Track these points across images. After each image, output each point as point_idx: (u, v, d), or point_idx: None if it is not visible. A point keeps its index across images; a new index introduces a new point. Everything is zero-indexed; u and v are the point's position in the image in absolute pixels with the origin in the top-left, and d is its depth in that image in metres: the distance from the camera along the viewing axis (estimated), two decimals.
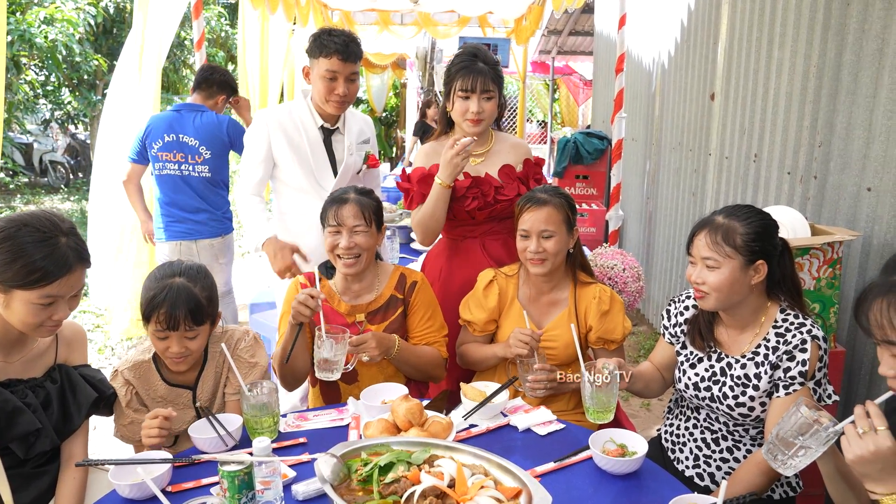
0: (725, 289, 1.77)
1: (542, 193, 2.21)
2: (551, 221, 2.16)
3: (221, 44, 13.63)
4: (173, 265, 1.95)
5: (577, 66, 14.35)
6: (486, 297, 2.29)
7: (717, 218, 1.82)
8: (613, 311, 2.22)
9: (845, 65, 2.55)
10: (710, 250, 1.78)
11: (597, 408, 1.78)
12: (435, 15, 7.70)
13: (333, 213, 2.15)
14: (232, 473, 1.44)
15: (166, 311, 1.82)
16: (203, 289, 1.91)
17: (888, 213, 2.28)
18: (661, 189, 5.13)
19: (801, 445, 1.37)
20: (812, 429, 1.37)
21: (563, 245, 2.19)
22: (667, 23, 4.94)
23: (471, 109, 2.40)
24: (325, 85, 2.71)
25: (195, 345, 1.90)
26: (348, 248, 2.13)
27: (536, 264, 2.17)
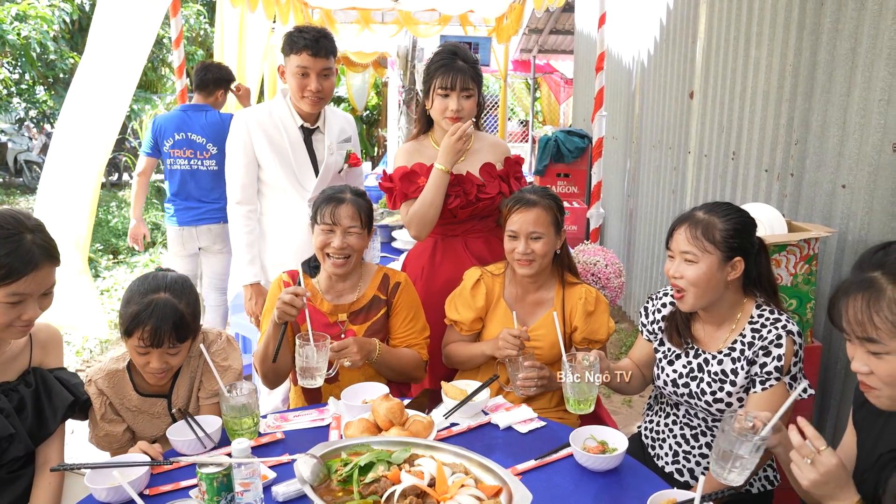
0: (703, 283, 1.79)
1: (531, 195, 2.20)
2: (540, 223, 2.15)
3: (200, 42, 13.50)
4: (157, 278, 1.88)
5: (559, 64, 14.40)
6: (473, 296, 2.29)
7: (698, 213, 1.83)
8: (598, 312, 2.23)
9: (820, 64, 2.58)
10: (689, 245, 1.79)
11: (577, 398, 1.80)
12: (416, 13, 7.69)
13: (330, 212, 2.12)
14: (210, 475, 1.43)
15: (151, 329, 1.76)
16: (188, 304, 1.85)
17: (862, 210, 2.31)
18: (642, 187, 5.16)
19: (736, 456, 1.40)
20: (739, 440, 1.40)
21: (551, 247, 2.19)
22: (646, 22, 4.97)
23: (450, 107, 2.40)
24: (297, 81, 2.69)
25: (176, 360, 1.86)
26: (341, 249, 2.11)
27: (524, 266, 2.17)
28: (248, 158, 2.77)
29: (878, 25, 2.22)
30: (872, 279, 1.26)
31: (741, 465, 1.41)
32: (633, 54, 5.40)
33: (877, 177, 2.24)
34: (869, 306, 1.25)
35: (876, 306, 1.24)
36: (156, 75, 12.35)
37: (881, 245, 1.31)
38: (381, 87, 15.10)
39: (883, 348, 1.24)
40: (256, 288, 2.82)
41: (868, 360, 1.28)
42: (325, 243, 2.13)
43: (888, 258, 1.27)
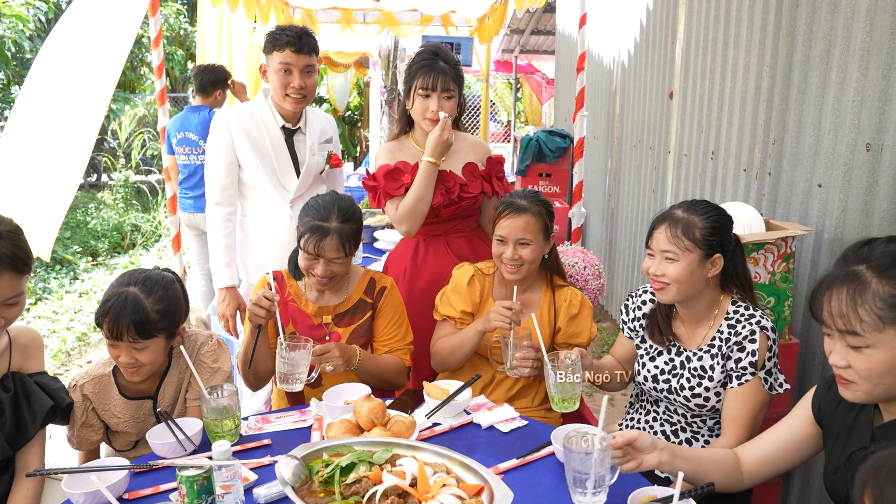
0: (685, 280, 1.81)
1: (521, 199, 2.18)
2: (529, 230, 2.15)
3: (181, 42, 13.39)
4: (135, 273, 1.89)
5: (540, 65, 14.45)
6: (470, 291, 2.28)
7: (677, 212, 1.86)
8: (582, 315, 2.24)
9: (795, 65, 2.62)
10: (669, 243, 1.82)
11: (561, 396, 1.81)
12: (398, 14, 7.68)
13: (314, 244, 2.04)
14: (191, 478, 1.42)
15: (110, 320, 1.77)
16: (157, 301, 1.83)
17: (837, 209, 2.34)
18: (623, 186, 5.20)
19: (588, 477, 1.42)
20: (583, 460, 1.42)
21: (539, 253, 2.19)
22: (626, 22, 5.01)
23: (431, 108, 2.41)
24: (280, 79, 2.67)
25: (145, 357, 1.84)
26: (324, 277, 2.08)
27: (512, 272, 2.17)
28: (229, 159, 2.75)
29: (851, 28, 2.25)
30: (857, 272, 1.27)
31: (597, 485, 1.43)
32: (613, 55, 5.43)
33: (851, 176, 2.28)
34: (853, 299, 1.26)
35: (860, 299, 1.25)
36: (135, 75, 12.22)
37: (865, 241, 1.33)
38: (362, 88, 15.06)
39: (863, 341, 1.25)
40: (231, 292, 2.80)
41: (847, 353, 1.29)
42: (308, 268, 2.10)
43: (873, 252, 1.28)
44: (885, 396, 1.30)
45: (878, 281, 1.24)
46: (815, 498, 2.44)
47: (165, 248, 7.59)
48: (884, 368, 1.25)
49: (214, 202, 2.77)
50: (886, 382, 1.27)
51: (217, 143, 2.76)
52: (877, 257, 1.27)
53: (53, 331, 5.14)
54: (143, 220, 8.56)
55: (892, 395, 1.30)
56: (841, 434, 1.45)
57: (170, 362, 1.98)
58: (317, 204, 2.12)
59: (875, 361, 1.25)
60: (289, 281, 2.24)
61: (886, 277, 1.24)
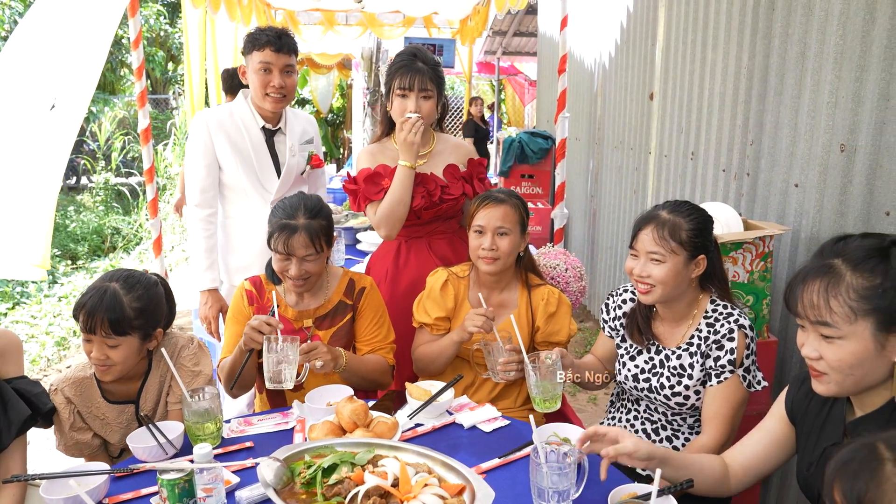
0: (670, 282, 1.83)
1: (499, 193, 2.23)
2: (507, 220, 2.18)
3: (161, 43, 13.29)
4: (120, 271, 1.90)
5: (523, 66, 14.52)
6: (443, 296, 2.29)
7: (662, 214, 1.87)
8: (560, 314, 2.25)
9: (772, 67, 2.66)
10: (656, 245, 1.83)
11: (542, 396, 1.82)
12: (380, 15, 7.68)
13: (283, 242, 2.03)
14: (172, 482, 1.42)
15: (86, 313, 1.78)
16: (136, 299, 1.84)
17: (813, 208, 2.38)
18: (604, 187, 5.23)
19: (552, 491, 1.44)
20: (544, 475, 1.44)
21: (516, 246, 2.21)
22: (607, 24, 5.05)
23: (409, 108, 2.41)
24: (260, 78, 2.67)
25: (117, 355, 1.83)
26: (298, 276, 2.07)
27: (489, 263, 2.18)
28: (209, 160, 2.74)
29: (825, 31, 2.29)
30: (832, 265, 1.30)
31: (561, 496, 1.44)
32: (594, 56, 5.47)
33: (826, 176, 2.31)
34: (827, 290, 1.28)
35: (834, 291, 1.28)
36: (115, 76, 12.12)
37: (841, 236, 1.36)
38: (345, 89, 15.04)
39: (836, 332, 1.28)
40: (214, 294, 2.80)
41: (819, 345, 1.32)
42: (282, 270, 2.08)
43: (847, 247, 1.31)
44: (855, 389, 1.33)
45: (852, 274, 1.27)
46: (793, 496, 2.48)
47: (147, 252, 7.52)
48: (854, 360, 1.28)
49: (195, 204, 2.76)
50: (856, 374, 1.29)
51: (196, 144, 2.75)
52: (851, 251, 1.30)
53: (32, 335, 5.08)
54: (123, 222, 8.49)
55: (861, 387, 1.32)
56: (814, 430, 1.47)
57: (150, 366, 1.97)
58: (283, 205, 2.13)
59: (846, 352, 1.28)
60: (268, 286, 2.23)
61: (860, 270, 1.27)
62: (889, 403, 1.31)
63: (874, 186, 2.11)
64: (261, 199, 2.81)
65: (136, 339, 1.87)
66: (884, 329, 1.25)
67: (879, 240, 1.30)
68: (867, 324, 1.26)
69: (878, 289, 1.25)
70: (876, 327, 1.25)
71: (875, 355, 1.27)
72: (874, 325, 1.25)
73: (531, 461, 1.46)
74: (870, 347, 1.26)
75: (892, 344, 1.26)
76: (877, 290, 1.25)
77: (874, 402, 1.34)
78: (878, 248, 1.28)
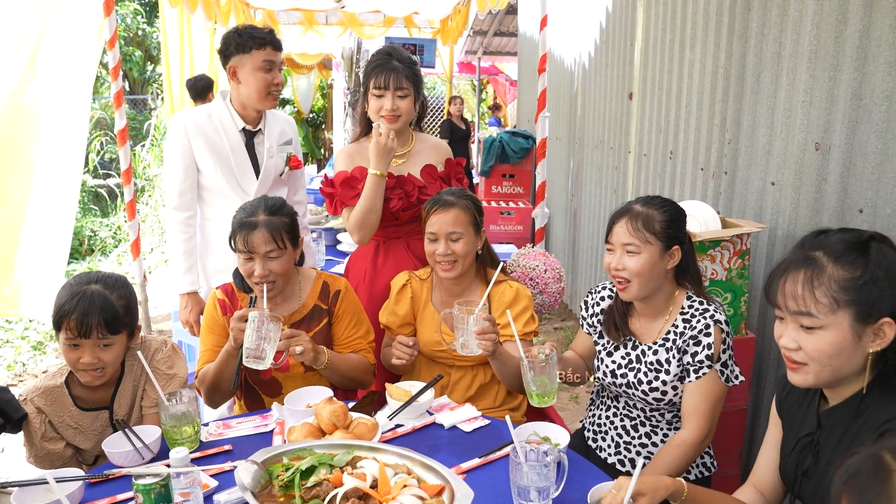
0: (646, 273, 1.85)
1: (448, 196, 2.20)
2: (458, 223, 2.15)
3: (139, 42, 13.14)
4: (90, 274, 1.87)
5: (504, 66, 14.54)
6: (397, 303, 2.29)
7: (636, 206, 1.90)
8: (516, 306, 2.20)
9: (749, 66, 2.68)
10: (630, 236, 1.85)
11: (539, 391, 1.79)
12: (360, 15, 7.66)
13: (243, 239, 2.00)
14: (147, 487, 1.40)
15: (77, 317, 1.74)
16: (120, 297, 1.84)
17: (790, 206, 2.40)
18: (585, 186, 5.26)
19: (532, 489, 1.44)
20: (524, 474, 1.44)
21: (472, 247, 2.19)
22: (587, 24, 5.07)
23: (385, 107, 2.40)
24: (263, 77, 2.68)
25: (109, 356, 1.81)
26: (263, 276, 2.02)
27: (447, 269, 2.17)
28: (187, 163, 2.71)
29: (800, 31, 2.31)
30: (814, 257, 1.34)
31: (541, 495, 1.45)
32: (574, 56, 5.49)
33: (802, 174, 2.34)
34: (810, 281, 1.32)
35: (817, 281, 1.31)
36: None
37: (821, 230, 1.40)
38: (326, 89, 14.99)
39: (816, 322, 1.31)
40: (194, 297, 2.78)
41: (798, 335, 1.34)
42: (248, 272, 2.04)
43: (828, 240, 1.35)
44: (831, 379, 1.36)
45: (834, 265, 1.31)
46: None
47: (125, 254, 7.44)
48: (833, 350, 1.31)
49: (173, 206, 2.73)
50: (834, 364, 1.32)
51: (174, 146, 2.72)
52: (832, 244, 1.34)
53: (7, 340, 4.99)
54: (101, 225, 8.38)
55: (837, 378, 1.35)
56: (794, 422, 1.52)
57: (123, 370, 1.94)
58: (245, 205, 2.12)
59: (825, 342, 1.31)
60: (239, 294, 2.19)
61: (841, 263, 1.31)
62: (857, 394, 1.35)
63: (848, 185, 2.14)
64: (240, 202, 2.76)
65: (125, 336, 1.86)
66: (861, 321, 1.29)
67: (858, 234, 1.34)
68: (846, 315, 1.29)
69: (859, 281, 1.28)
70: (854, 318, 1.29)
71: (852, 346, 1.30)
72: (853, 317, 1.29)
73: (511, 460, 1.46)
74: (848, 338, 1.30)
75: (868, 336, 1.30)
76: (857, 283, 1.28)
77: (844, 394, 1.37)
78: (858, 242, 1.32)
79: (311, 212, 5.19)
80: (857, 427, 1.33)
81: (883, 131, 1.97)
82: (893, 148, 1.93)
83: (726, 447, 2.44)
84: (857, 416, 1.34)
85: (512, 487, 1.47)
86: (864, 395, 1.33)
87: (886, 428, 1.26)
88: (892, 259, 1.30)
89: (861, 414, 1.33)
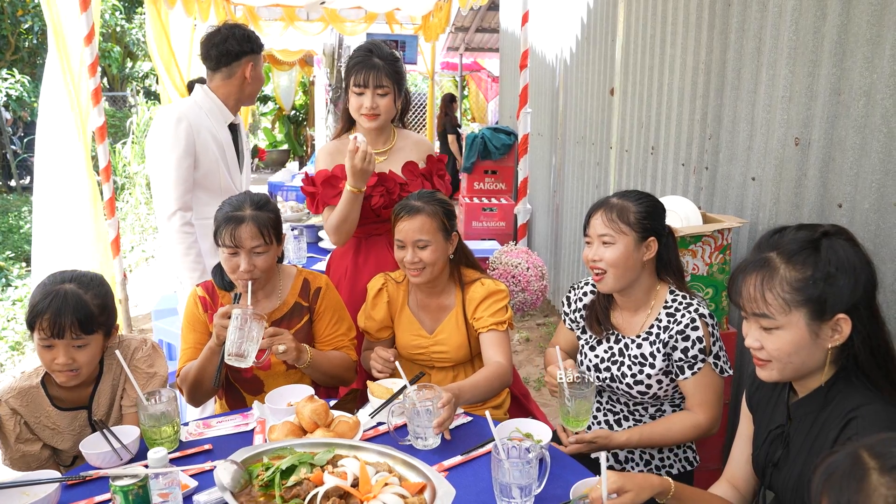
0: (621, 263, 1.87)
1: (415, 201, 2.15)
2: (425, 231, 2.10)
3: (118, 39, 12.99)
4: (64, 273, 1.83)
5: (486, 62, 14.54)
6: (374, 307, 2.27)
7: (612, 199, 1.94)
8: (488, 301, 2.18)
9: (729, 62, 2.69)
10: (606, 227, 1.88)
11: (576, 417, 1.76)
12: (341, 11, 7.61)
13: (230, 234, 1.97)
14: (125, 488, 1.38)
15: (50, 317, 1.71)
16: (95, 296, 1.80)
17: (770, 201, 2.42)
18: (567, 182, 5.26)
19: (514, 486, 1.44)
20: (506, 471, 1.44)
21: (440, 253, 2.14)
22: (568, 20, 5.07)
23: (364, 105, 2.38)
24: (262, 78, 2.81)
25: (84, 356, 1.78)
26: (248, 272, 2.00)
27: (416, 275, 2.14)
28: (190, 160, 2.64)
29: (779, 26, 2.33)
30: (768, 259, 1.36)
31: (523, 492, 1.44)
32: (556, 52, 5.50)
33: (782, 169, 2.35)
34: (763, 284, 1.34)
35: (769, 284, 1.33)
36: None
37: (778, 228, 1.41)
38: (308, 86, 14.89)
39: (773, 323, 1.33)
40: None
41: (760, 335, 1.37)
42: (233, 268, 2.01)
43: (783, 239, 1.37)
44: (794, 375, 1.39)
45: (786, 266, 1.33)
46: None
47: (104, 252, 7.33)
48: (791, 348, 1.34)
49: (177, 207, 2.60)
50: (795, 361, 1.35)
51: (177, 142, 2.61)
52: (785, 244, 1.35)
53: None
54: None
55: (801, 373, 1.38)
56: (765, 415, 1.54)
57: (101, 369, 1.91)
58: (230, 200, 2.08)
59: (784, 342, 1.34)
60: (220, 292, 2.16)
61: (793, 263, 1.32)
62: (824, 386, 1.37)
63: (827, 179, 2.15)
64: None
65: (101, 336, 1.83)
66: (816, 318, 1.31)
67: (812, 231, 1.36)
68: (801, 314, 1.31)
69: (809, 280, 1.30)
70: (809, 317, 1.31)
71: (810, 343, 1.33)
72: (807, 315, 1.31)
73: (493, 457, 1.46)
74: (805, 336, 1.32)
75: (825, 332, 1.32)
76: (808, 282, 1.30)
77: (811, 386, 1.40)
78: (810, 239, 1.34)
79: (292, 209, 5.16)
80: (825, 417, 1.35)
81: (861, 126, 1.98)
82: (872, 143, 1.94)
83: (708, 442, 2.45)
84: (824, 406, 1.36)
85: (494, 485, 1.47)
86: (831, 386, 1.35)
87: (851, 416, 1.28)
88: (842, 255, 1.31)
89: (828, 404, 1.36)
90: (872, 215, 1.96)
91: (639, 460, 2.00)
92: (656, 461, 2.00)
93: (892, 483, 0.85)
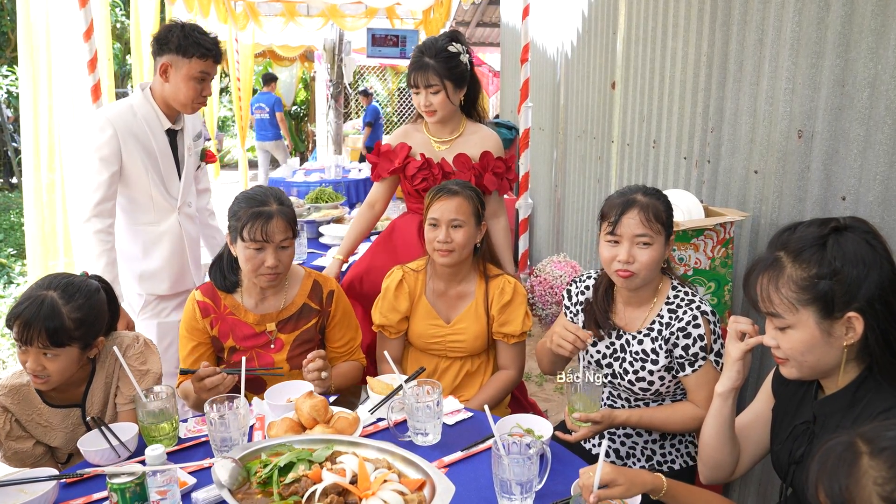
0: (655, 265, 1.84)
1: (453, 185, 2.22)
2: (461, 211, 2.16)
3: (118, 35, 12.96)
4: (58, 277, 1.78)
5: (487, 57, 14.49)
6: (397, 298, 2.28)
7: (640, 198, 1.85)
8: (515, 304, 2.23)
9: (731, 54, 2.67)
10: (644, 227, 1.81)
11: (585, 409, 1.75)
12: (342, 6, 7.57)
13: (260, 229, 1.94)
14: (122, 486, 1.37)
15: (21, 323, 1.66)
16: (76, 309, 1.72)
17: (773, 194, 2.40)
18: (569, 176, 5.24)
19: (515, 482, 1.42)
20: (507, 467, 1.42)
21: (471, 237, 2.19)
22: (569, 14, 5.04)
23: (420, 103, 2.57)
24: (195, 87, 2.57)
25: (54, 366, 1.72)
26: (274, 267, 1.98)
27: (444, 255, 2.16)
28: (114, 168, 2.54)
29: (782, 17, 2.30)
30: (777, 258, 1.34)
31: (524, 488, 1.43)
32: (556, 46, 5.47)
33: (785, 162, 2.33)
34: (770, 283, 1.33)
35: (776, 284, 1.32)
36: None
37: (790, 225, 1.39)
38: (308, 82, 14.87)
39: (784, 322, 1.32)
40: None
41: (775, 334, 1.36)
42: (256, 265, 1.98)
43: (791, 237, 1.35)
44: (813, 373, 1.37)
45: (793, 265, 1.31)
46: (755, 475, 2.51)
47: None
48: (804, 347, 1.32)
49: (93, 215, 2.51)
50: (809, 360, 1.33)
51: (100, 149, 2.52)
52: (793, 242, 1.33)
53: None
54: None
55: (819, 371, 1.35)
56: (789, 409, 1.51)
57: (94, 368, 1.89)
58: (247, 195, 2.05)
59: (796, 341, 1.32)
60: (221, 294, 2.13)
61: (799, 261, 1.31)
62: (852, 384, 1.34)
63: (831, 172, 2.13)
64: (166, 204, 2.71)
65: (76, 349, 1.76)
66: (825, 316, 1.29)
67: (822, 227, 1.33)
68: (809, 313, 1.30)
69: (815, 279, 1.28)
70: (818, 315, 1.29)
71: (823, 342, 1.30)
72: (816, 314, 1.29)
73: (493, 453, 1.45)
74: (817, 335, 1.30)
75: (838, 331, 1.30)
76: (813, 281, 1.28)
77: (839, 384, 1.37)
78: (818, 236, 1.32)
79: (294, 204, 5.15)
80: (854, 416, 1.32)
81: (865, 118, 1.96)
82: (876, 135, 1.92)
83: None
84: (852, 405, 1.33)
85: (494, 481, 1.45)
86: (860, 385, 1.33)
87: (885, 419, 1.23)
88: (849, 249, 1.28)
89: (857, 403, 1.32)
90: (877, 208, 1.93)
91: (640, 455, 1.99)
92: (658, 457, 1.98)
93: (881, 465, 0.85)
